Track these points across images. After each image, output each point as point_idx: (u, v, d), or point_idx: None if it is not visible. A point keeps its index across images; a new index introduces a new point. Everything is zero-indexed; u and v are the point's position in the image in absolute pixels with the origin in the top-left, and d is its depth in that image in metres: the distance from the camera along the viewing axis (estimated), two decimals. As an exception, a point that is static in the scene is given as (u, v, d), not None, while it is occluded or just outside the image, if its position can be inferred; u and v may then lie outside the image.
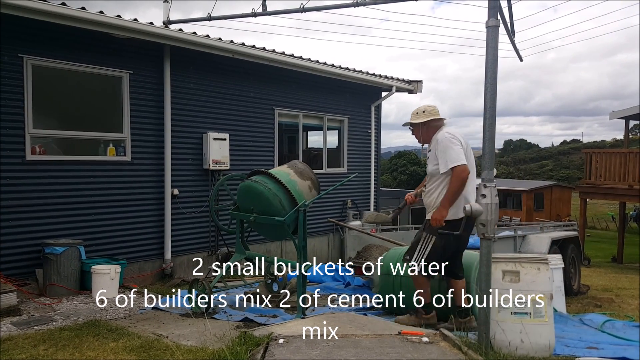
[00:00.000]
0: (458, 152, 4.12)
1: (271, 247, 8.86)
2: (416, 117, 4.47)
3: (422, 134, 4.47)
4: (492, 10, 3.62)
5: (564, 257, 6.97)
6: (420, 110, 4.47)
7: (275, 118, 9.08)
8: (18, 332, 4.31)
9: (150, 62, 7.16)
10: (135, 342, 3.97)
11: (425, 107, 4.48)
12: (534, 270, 3.67)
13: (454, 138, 4.18)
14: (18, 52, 5.86)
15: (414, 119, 4.47)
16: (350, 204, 10.61)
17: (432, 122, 4.40)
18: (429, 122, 4.41)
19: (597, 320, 5.05)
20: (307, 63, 8.88)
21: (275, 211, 4.94)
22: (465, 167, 4.09)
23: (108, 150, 6.84)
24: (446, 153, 4.14)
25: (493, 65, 3.58)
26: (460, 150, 4.13)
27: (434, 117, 4.39)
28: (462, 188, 4.11)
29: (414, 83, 11.18)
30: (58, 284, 5.70)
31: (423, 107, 4.50)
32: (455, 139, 4.18)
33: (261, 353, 3.22)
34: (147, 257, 7.22)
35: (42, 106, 6.19)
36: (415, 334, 3.66)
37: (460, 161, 4.08)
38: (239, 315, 4.96)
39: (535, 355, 3.53)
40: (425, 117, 4.40)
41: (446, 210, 4.14)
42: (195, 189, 7.81)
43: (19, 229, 5.91)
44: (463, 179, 4.08)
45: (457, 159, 4.09)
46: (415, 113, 4.50)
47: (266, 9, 6.55)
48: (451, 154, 4.12)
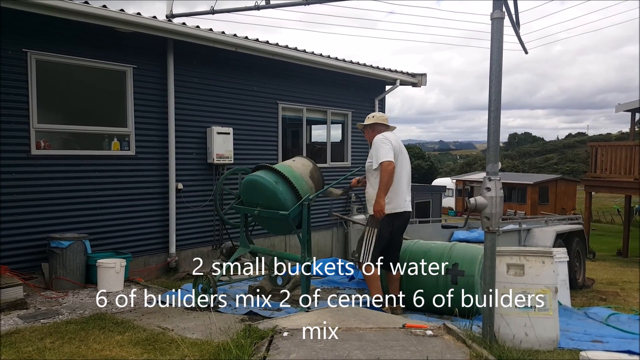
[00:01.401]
0: (387, 151, 4.72)
1: (275, 241, 8.88)
2: (366, 120, 5.20)
3: (368, 135, 5.15)
4: (497, 2, 3.60)
5: (568, 250, 6.96)
6: (371, 116, 5.22)
7: (278, 112, 9.06)
8: (25, 325, 4.35)
9: (154, 56, 7.16)
10: (140, 335, 3.99)
11: (377, 114, 5.26)
12: (538, 263, 3.66)
13: (386, 139, 4.82)
14: (22, 46, 5.86)
15: (365, 122, 5.19)
16: (354, 198, 10.61)
17: (376, 125, 5.08)
18: (374, 126, 5.09)
19: (602, 313, 5.04)
20: (311, 57, 8.85)
21: (279, 205, 4.95)
22: (392, 162, 4.69)
23: (112, 144, 6.86)
24: (378, 151, 4.76)
25: (498, 58, 3.56)
26: (389, 150, 4.73)
27: (379, 121, 5.08)
28: (390, 180, 4.70)
29: (418, 76, 11.13)
30: (64, 277, 5.74)
31: (375, 113, 5.29)
32: (387, 140, 4.81)
33: (266, 346, 3.24)
34: (152, 251, 7.25)
35: (46, 101, 6.20)
36: (420, 327, 3.66)
37: (387, 157, 4.68)
38: (244, 308, 4.98)
39: (539, 348, 3.53)
40: (372, 120, 5.13)
41: (382, 200, 4.70)
42: (200, 183, 7.82)
43: (24, 223, 5.94)
44: (390, 171, 4.68)
45: (384, 156, 4.70)
46: (367, 117, 5.21)
47: (269, 2, 6.53)
48: (380, 151, 4.73)
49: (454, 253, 4.98)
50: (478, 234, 7.25)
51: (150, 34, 6.73)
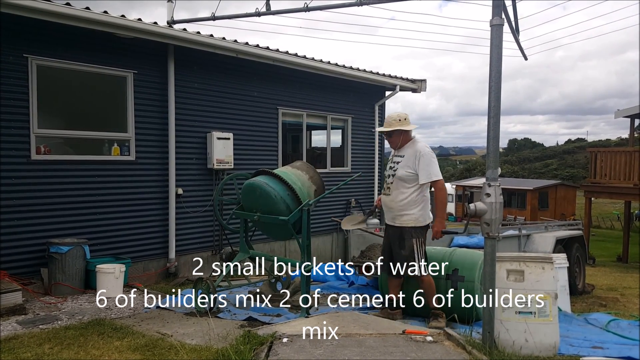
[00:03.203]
0: (438, 168, 4.68)
1: (275, 246, 8.87)
2: (400, 123, 4.75)
3: (398, 139, 4.80)
4: (497, 9, 3.61)
5: (568, 256, 6.94)
6: (402, 118, 4.77)
7: (279, 117, 9.08)
8: (23, 330, 4.34)
9: (155, 62, 7.18)
10: (139, 341, 3.98)
11: (405, 114, 4.79)
12: (538, 269, 3.66)
13: (433, 154, 4.71)
14: (23, 52, 5.88)
15: (402, 126, 4.74)
16: (354, 204, 10.61)
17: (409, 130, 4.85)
18: (409, 131, 4.83)
19: (602, 319, 5.03)
20: (311, 62, 8.88)
21: (279, 211, 4.94)
22: (443, 181, 4.68)
23: (112, 149, 6.86)
24: (430, 166, 4.59)
25: (497, 64, 3.58)
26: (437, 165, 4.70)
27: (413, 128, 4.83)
28: (446, 199, 4.69)
29: (418, 82, 11.16)
30: (63, 283, 5.73)
31: (402, 114, 4.79)
32: (434, 155, 4.71)
33: (265, 352, 3.23)
34: (152, 256, 7.24)
35: (47, 106, 6.21)
36: (419, 333, 3.65)
37: (441, 176, 4.66)
38: (243, 314, 4.97)
39: (539, 354, 3.52)
40: (410, 125, 4.78)
41: (444, 220, 4.70)
42: (200, 188, 7.82)
43: (24, 228, 5.94)
44: (445, 190, 4.68)
45: (439, 174, 4.65)
46: (399, 120, 4.76)
47: (270, 9, 6.56)
48: (435, 168, 4.64)
49: (454, 258, 4.97)
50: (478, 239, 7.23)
51: (151, 39, 6.76)
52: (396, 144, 4.83)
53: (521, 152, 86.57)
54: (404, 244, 4.67)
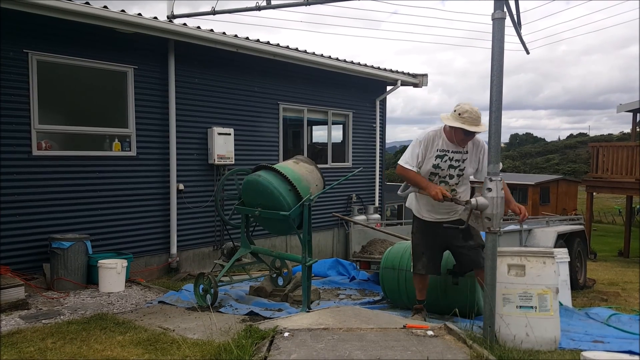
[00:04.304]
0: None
1: (276, 241, 8.88)
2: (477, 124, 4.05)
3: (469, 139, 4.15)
4: (499, 2, 3.60)
5: (570, 251, 6.94)
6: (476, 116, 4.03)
7: (279, 112, 9.07)
8: (26, 325, 4.36)
9: (155, 57, 7.16)
10: (141, 335, 4.00)
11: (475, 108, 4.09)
12: (539, 264, 3.66)
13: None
14: (23, 47, 5.88)
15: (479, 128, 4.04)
16: (355, 199, 10.61)
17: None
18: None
19: (603, 314, 5.03)
20: (312, 57, 8.85)
21: (280, 206, 4.94)
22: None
23: (113, 145, 6.87)
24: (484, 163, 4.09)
25: (499, 58, 3.56)
26: None
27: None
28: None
29: (419, 77, 11.13)
30: (65, 278, 5.75)
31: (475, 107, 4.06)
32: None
33: (267, 346, 3.24)
34: (153, 252, 7.25)
35: (47, 102, 6.21)
36: (420, 328, 3.66)
37: None
38: (245, 308, 4.98)
39: (540, 349, 3.52)
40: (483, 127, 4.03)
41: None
42: (201, 183, 7.82)
43: (26, 224, 5.95)
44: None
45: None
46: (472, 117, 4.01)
47: (270, 3, 6.52)
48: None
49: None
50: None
51: (151, 34, 6.74)
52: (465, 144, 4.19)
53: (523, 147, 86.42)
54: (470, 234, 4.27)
